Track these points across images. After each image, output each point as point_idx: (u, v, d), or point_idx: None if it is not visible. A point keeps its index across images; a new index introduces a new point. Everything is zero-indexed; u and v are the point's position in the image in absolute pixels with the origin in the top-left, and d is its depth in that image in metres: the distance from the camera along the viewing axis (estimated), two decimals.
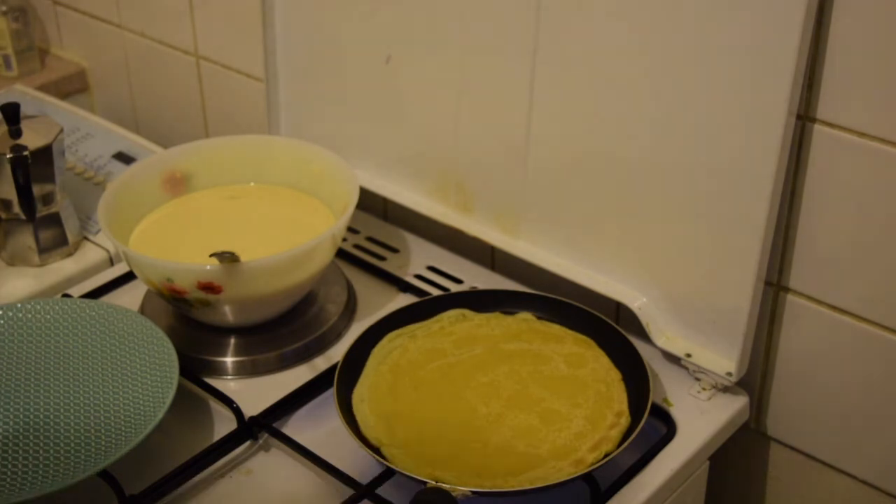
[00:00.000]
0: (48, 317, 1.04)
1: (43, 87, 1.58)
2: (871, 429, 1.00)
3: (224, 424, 0.98)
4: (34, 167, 1.16)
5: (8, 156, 1.15)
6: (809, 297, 0.99)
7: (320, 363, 1.06)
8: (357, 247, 1.23)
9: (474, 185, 1.13)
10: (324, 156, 1.13)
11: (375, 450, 0.90)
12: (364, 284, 1.17)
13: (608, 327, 1.02)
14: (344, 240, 1.20)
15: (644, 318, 1.03)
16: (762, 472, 1.11)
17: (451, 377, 0.98)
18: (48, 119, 1.22)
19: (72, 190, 1.28)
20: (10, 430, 0.96)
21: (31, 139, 1.17)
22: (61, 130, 1.20)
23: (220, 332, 1.07)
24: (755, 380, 1.05)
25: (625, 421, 0.93)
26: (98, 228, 1.26)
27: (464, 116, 1.11)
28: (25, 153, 1.15)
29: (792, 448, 1.07)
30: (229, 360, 1.05)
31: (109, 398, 0.98)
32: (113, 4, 1.54)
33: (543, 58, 1.01)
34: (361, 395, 0.97)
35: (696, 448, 0.96)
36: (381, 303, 1.14)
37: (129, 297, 1.14)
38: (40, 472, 0.91)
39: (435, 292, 1.14)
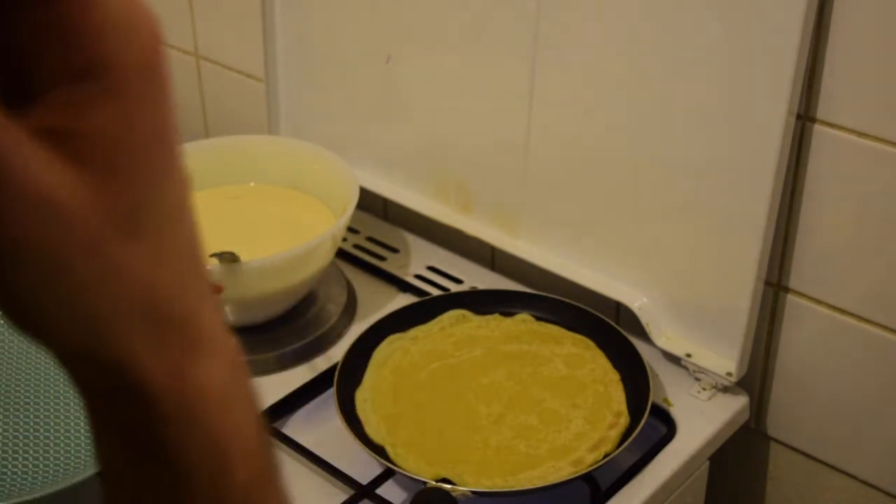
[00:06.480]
0: None
1: None
2: (871, 429, 1.00)
3: None
4: None
5: None
6: (809, 297, 0.99)
7: (320, 363, 1.06)
8: (357, 247, 1.23)
9: (474, 185, 1.13)
10: (324, 156, 1.13)
11: (378, 449, 0.90)
12: (364, 284, 1.17)
13: (608, 327, 1.02)
14: (344, 240, 1.20)
15: (644, 318, 1.03)
16: (762, 472, 1.11)
17: (451, 378, 0.98)
18: None
19: None
20: (10, 430, 0.95)
21: None
22: None
23: None
24: (755, 380, 1.05)
25: (624, 421, 0.93)
26: None
27: (464, 116, 1.11)
28: None
29: (792, 448, 1.07)
30: None
31: None
32: None
33: (543, 57, 1.01)
34: (364, 396, 0.97)
35: (696, 448, 0.96)
36: (381, 303, 1.14)
37: None
38: (40, 471, 0.91)
39: (435, 292, 1.14)
